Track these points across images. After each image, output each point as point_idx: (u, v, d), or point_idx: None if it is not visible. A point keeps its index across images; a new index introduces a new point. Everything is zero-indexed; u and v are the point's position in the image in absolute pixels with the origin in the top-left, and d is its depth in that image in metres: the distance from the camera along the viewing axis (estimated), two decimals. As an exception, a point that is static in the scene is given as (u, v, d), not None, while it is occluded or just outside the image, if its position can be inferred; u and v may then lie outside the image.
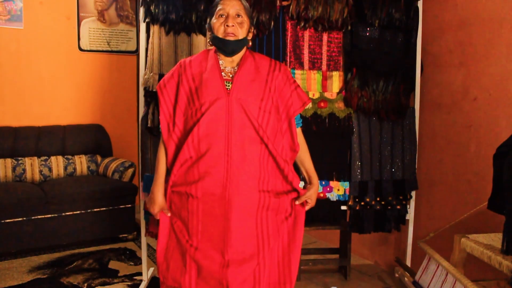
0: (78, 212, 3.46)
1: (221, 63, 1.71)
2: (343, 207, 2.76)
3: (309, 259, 3.04)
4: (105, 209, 3.56)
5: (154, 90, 2.49)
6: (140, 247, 3.43)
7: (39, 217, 3.31)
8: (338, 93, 2.69)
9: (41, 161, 3.79)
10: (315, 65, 2.68)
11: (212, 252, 1.62)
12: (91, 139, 4.10)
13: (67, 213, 3.42)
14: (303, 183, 1.96)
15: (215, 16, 1.69)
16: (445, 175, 2.84)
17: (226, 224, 1.62)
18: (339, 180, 2.70)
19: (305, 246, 3.43)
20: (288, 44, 2.64)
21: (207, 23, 1.76)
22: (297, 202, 1.73)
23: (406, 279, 2.77)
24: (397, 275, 2.94)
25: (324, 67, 2.69)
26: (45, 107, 4.10)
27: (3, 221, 3.17)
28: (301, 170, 1.84)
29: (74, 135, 4.02)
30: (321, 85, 2.69)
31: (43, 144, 3.87)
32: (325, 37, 2.68)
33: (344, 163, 2.72)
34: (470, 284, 2.00)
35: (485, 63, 2.60)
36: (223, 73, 1.69)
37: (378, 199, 2.74)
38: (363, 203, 2.71)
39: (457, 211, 2.64)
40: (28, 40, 3.98)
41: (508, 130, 2.32)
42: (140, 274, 2.90)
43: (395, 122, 2.74)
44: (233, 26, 1.65)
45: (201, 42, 2.59)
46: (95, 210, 3.52)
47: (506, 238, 1.89)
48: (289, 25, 2.63)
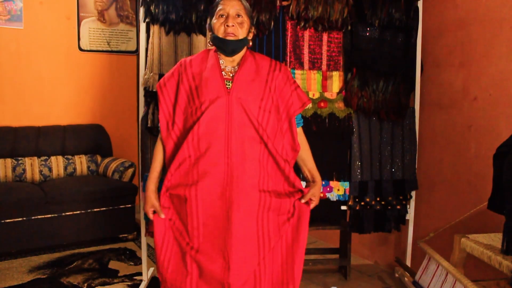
0: (78, 212, 3.46)
1: (221, 62, 1.71)
2: (343, 207, 2.76)
3: (309, 259, 3.04)
4: (105, 209, 3.56)
5: (154, 90, 2.49)
6: (140, 247, 3.43)
7: (39, 217, 3.31)
8: (338, 93, 2.69)
9: (41, 161, 3.79)
10: (315, 65, 2.68)
11: (213, 253, 1.62)
12: (91, 139, 4.10)
13: (67, 213, 3.42)
14: (304, 183, 1.96)
15: (215, 16, 1.69)
16: (445, 175, 2.84)
17: (227, 224, 1.61)
18: (339, 180, 2.70)
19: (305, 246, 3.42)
20: (288, 44, 2.64)
21: (207, 23, 1.76)
22: (303, 200, 1.72)
23: (406, 279, 2.77)
24: (397, 275, 2.94)
25: (324, 67, 2.69)
26: (45, 107, 4.10)
27: (3, 221, 3.17)
28: (303, 169, 1.83)
29: (74, 135, 4.02)
30: (321, 85, 2.69)
31: (43, 144, 3.87)
32: (325, 37, 2.68)
33: (344, 163, 2.72)
34: (470, 284, 2.00)
35: (485, 63, 2.60)
36: (223, 72, 1.69)
37: (378, 199, 2.74)
38: (363, 203, 2.71)
39: (457, 211, 2.64)
40: (28, 40, 3.98)
41: (508, 130, 2.32)
42: (140, 274, 2.90)
43: (395, 122, 2.74)
44: (233, 26, 1.65)
45: (201, 42, 2.59)
46: (95, 210, 3.52)
47: (506, 238, 1.89)
48: (289, 25, 2.63)
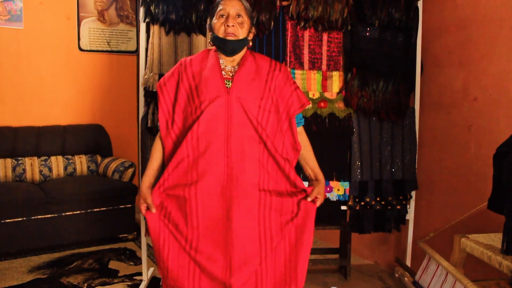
0: (78, 212, 3.46)
1: (221, 62, 1.71)
2: (343, 207, 2.76)
3: (309, 259, 3.04)
4: (105, 209, 3.56)
5: (154, 90, 2.49)
6: (140, 247, 3.43)
7: (39, 217, 3.31)
8: (338, 93, 2.69)
9: (41, 161, 3.79)
10: (315, 65, 2.68)
11: (213, 253, 1.61)
12: (91, 139, 4.10)
13: (67, 213, 3.42)
14: (306, 183, 1.96)
15: (215, 16, 1.69)
16: (445, 175, 2.84)
17: (227, 223, 1.61)
18: (339, 180, 2.70)
19: (305, 246, 3.42)
20: (288, 44, 2.64)
21: (207, 23, 1.76)
22: (309, 199, 1.69)
23: (406, 279, 2.77)
24: (397, 275, 2.94)
25: (324, 67, 2.69)
26: (45, 107, 4.10)
27: (3, 221, 3.17)
28: (305, 168, 1.82)
29: (74, 135, 4.02)
30: (321, 85, 2.69)
31: (43, 144, 3.87)
32: (325, 37, 2.68)
33: (344, 163, 2.72)
34: (470, 284, 2.00)
35: (485, 63, 2.60)
36: (223, 72, 1.69)
37: (378, 199, 2.74)
38: (363, 203, 2.71)
39: (457, 211, 2.64)
40: (28, 40, 3.98)
41: (508, 130, 2.31)
42: (140, 274, 2.90)
43: (395, 122, 2.74)
44: (233, 26, 1.65)
45: (201, 42, 2.59)
46: (95, 210, 3.52)
47: (506, 238, 1.89)
48: (289, 25, 2.63)
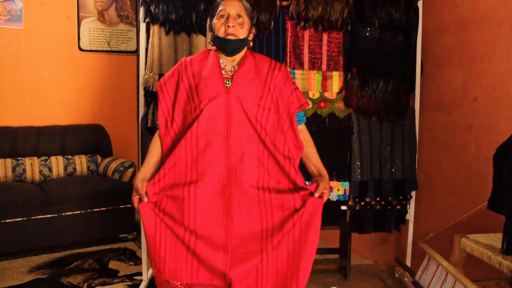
0: (78, 212, 3.46)
1: (221, 61, 1.72)
2: (343, 207, 2.76)
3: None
4: (105, 209, 3.56)
5: (154, 90, 2.49)
6: (140, 247, 3.43)
7: (39, 217, 3.31)
8: (338, 93, 2.69)
9: (41, 161, 3.79)
10: (315, 65, 2.68)
11: (213, 245, 1.59)
12: (91, 139, 4.11)
13: (67, 213, 3.42)
14: (308, 182, 1.95)
15: (216, 16, 1.69)
16: (445, 175, 2.84)
17: (227, 221, 1.61)
18: (339, 180, 2.70)
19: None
20: (288, 44, 2.64)
21: (207, 23, 1.77)
22: (316, 194, 1.66)
23: (406, 279, 2.77)
24: (397, 275, 2.94)
25: (324, 67, 2.69)
26: (45, 107, 4.10)
27: (3, 221, 3.17)
28: (308, 164, 1.81)
29: (74, 135, 4.03)
30: (321, 85, 2.69)
31: (43, 144, 3.87)
32: (325, 37, 2.68)
33: (344, 163, 2.72)
34: (470, 284, 2.00)
35: (485, 63, 2.60)
36: (223, 72, 1.69)
37: (378, 199, 2.74)
38: (363, 203, 2.71)
39: (457, 211, 2.64)
40: (28, 40, 3.98)
41: (508, 130, 2.31)
42: (140, 274, 2.90)
43: (395, 122, 2.74)
44: (233, 26, 1.65)
45: (201, 42, 2.59)
46: (95, 210, 3.52)
47: (506, 238, 1.89)
48: (289, 25, 2.63)
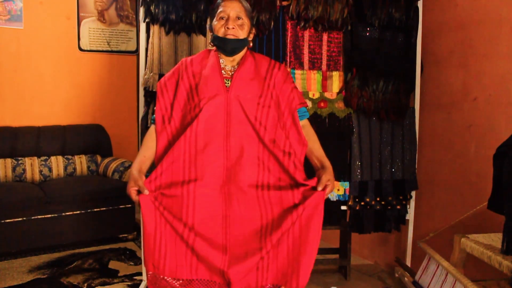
0: (78, 212, 3.46)
1: (221, 61, 1.73)
2: (343, 207, 2.76)
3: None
4: (105, 209, 3.56)
5: (154, 90, 2.49)
6: (140, 247, 3.43)
7: (39, 217, 3.31)
8: (338, 93, 2.69)
9: (41, 161, 3.79)
10: (315, 65, 2.68)
11: (212, 242, 1.58)
12: (91, 139, 4.10)
13: (67, 213, 3.42)
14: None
15: (216, 18, 1.70)
16: (445, 175, 2.84)
17: (226, 221, 1.61)
18: (339, 180, 2.70)
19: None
20: (288, 44, 2.64)
21: (207, 23, 1.77)
22: (319, 188, 1.63)
23: (406, 279, 2.77)
24: (397, 275, 2.94)
25: (324, 67, 2.69)
26: (45, 107, 4.10)
27: (3, 221, 3.17)
28: (311, 158, 1.78)
29: (74, 135, 4.02)
30: (321, 85, 2.69)
31: (43, 144, 3.87)
32: (325, 37, 2.68)
33: (344, 163, 2.72)
34: (470, 284, 2.00)
35: (485, 63, 2.60)
36: (223, 71, 1.70)
37: (378, 199, 2.74)
38: (363, 203, 2.71)
39: (457, 211, 2.64)
40: (28, 40, 3.98)
41: (508, 130, 2.31)
42: (140, 274, 2.90)
43: (395, 122, 2.74)
44: (233, 28, 1.66)
45: (201, 42, 2.59)
46: (95, 210, 3.52)
47: (506, 238, 1.89)
48: (289, 25, 2.63)
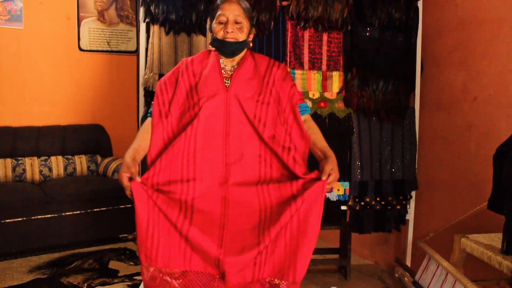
0: (78, 212, 3.46)
1: (221, 61, 1.73)
2: (343, 207, 2.76)
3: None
4: (105, 209, 3.56)
5: (154, 90, 2.48)
6: (140, 247, 3.42)
7: (39, 217, 3.31)
8: (338, 93, 2.69)
9: (41, 161, 3.79)
10: (315, 65, 2.68)
11: (208, 231, 1.56)
12: (91, 139, 4.10)
13: (67, 213, 3.41)
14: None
15: (215, 20, 1.70)
16: (445, 175, 2.84)
17: (225, 220, 1.60)
18: (339, 180, 2.69)
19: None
20: (288, 44, 2.64)
21: (207, 23, 1.77)
22: (323, 177, 1.60)
23: (406, 279, 2.77)
24: (397, 275, 2.94)
25: (324, 67, 2.69)
26: (45, 107, 4.10)
27: (3, 221, 3.17)
28: (314, 151, 1.75)
29: (74, 135, 4.02)
30: (321, 85, 2.69)
31: (43, 144, 3.87)
32: (325, 37, 2.68)
33: (344, 163, 2.72)
34: (470, 284, 2.00)
35: (485, 63, 2.60)
36: (223, 71, 1.71)
37: (378, 199, 2.74)
38: (363, 203, 2.71)
39: (457, 211, 2.64)
40: (28, 40, 3.98)
41: (508, 130, 2.31)
42: (140, 274, 2.90)
43: (395, 122, 2.74)
44: (232, 32, 1.67)
45: (201, 42, 2.59)
46: (95, 210, 3.52)
47: (506, 238, 1.89)
48: (289, 25, 2.63)
